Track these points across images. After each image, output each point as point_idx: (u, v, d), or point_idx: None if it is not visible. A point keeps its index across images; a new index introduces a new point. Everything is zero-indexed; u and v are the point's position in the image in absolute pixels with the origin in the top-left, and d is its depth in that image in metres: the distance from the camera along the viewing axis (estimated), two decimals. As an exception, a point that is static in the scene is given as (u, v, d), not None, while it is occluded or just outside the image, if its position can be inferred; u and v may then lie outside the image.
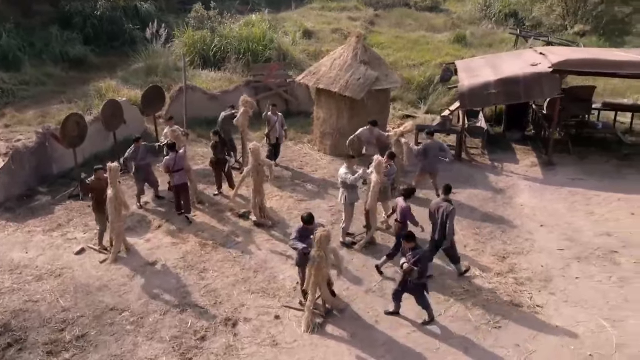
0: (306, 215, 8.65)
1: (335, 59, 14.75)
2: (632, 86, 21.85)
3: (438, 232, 9.55)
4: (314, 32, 27.84)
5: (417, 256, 8.18)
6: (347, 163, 10.53)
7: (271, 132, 13.85)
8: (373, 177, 10.09)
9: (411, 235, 8.43)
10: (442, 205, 9.55)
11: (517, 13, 34.14)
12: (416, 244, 8.34)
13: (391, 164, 10.88)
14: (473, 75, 14.98)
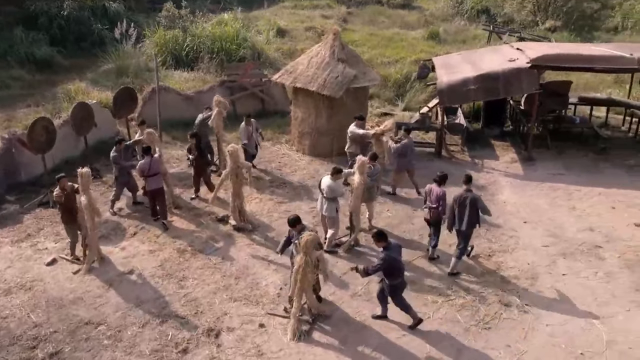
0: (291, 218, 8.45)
1: (312, 57, 14.46)
2: (604, 80, 22.11)
3: (466, 222, 9.50)
4: (287, 30, 27.56)
5: (381, 256, 7.95)
6: (334, 175, 10.03)
7: (249, 144, 13.20)
8: (356, 177, 9.82)
9: (382, 233, 8.10)
10: (466, 195, 9.60)
11: (488, 9, 34.42)
12: (387, 244, 7.98)
13: (374, 165, 10.61)
14: (451, 72, 14.85)
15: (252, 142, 13.26)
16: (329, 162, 14.25)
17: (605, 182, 13.53)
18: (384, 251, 7.94)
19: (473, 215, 9.47)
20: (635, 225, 11.57)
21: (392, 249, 7.98)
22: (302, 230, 8.27)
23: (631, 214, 12.01)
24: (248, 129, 13.17)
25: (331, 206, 10.11)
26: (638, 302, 9.14)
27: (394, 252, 7.97)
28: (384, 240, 7.99)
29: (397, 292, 8.22)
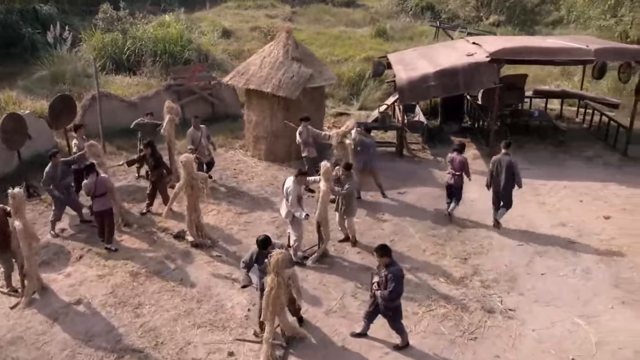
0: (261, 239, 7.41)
1: (265, 57, 13.68)
2: (552, 73, 22.33)
3: (504, 181, 10.42)
4: (232, 31, 26.79)
5: (391, 275, 7.09)
6: (298, 177, 9.21)
7: (198, 151, 11.77)
8: (321, 185, 9.08)
9: (386, 248, 7.26)
10: (502, 159, 10.53)
11: (433, 6, 34.57)
12: (391, 260, 7.23)
13: (349, 175, 9.76)
14: (409, 68, 14.39)
15: (202, 149, 12.13)
16: (287, 167, 13.57)
17: (568, 174, 13.41)
18: (391, 267, 7.10)
19: (509, 177, 10.41)
20: (604, 218, 11.40)
21: (395, 265, 7.21)
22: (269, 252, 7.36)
23: (598, 207, 11.85)
24: (196, 133, 12.14)
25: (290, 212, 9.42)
26: (620, 299, 8.86)
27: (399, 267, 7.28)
28: (388, 256, 7.14)
29: (399, 313, 7.48)
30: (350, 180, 9.69)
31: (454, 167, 10.92)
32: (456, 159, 10.91)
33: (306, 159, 12.24)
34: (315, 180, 9.66)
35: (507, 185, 10.46)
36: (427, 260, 9.74)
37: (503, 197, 10.62)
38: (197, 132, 12.10)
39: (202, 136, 12.14)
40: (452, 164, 10.96)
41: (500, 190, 10.55)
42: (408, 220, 11.13)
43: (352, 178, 9.72)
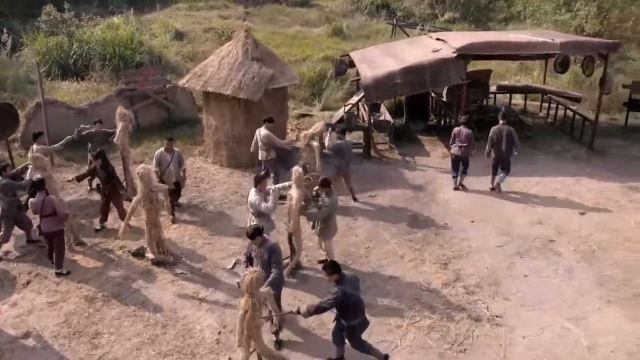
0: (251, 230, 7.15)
1: (224, 58, 12.93)
2: (510, 68, 22.35)
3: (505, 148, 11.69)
4: (185, 32, 25.83)
5: (334, 292, 6.47)
6: (258, 185, 8.56)
7: (165, 175, 10.40)
8: (293, 192, 8.43)
9: (334, 265, 6.63)
10: (502, 128, 11.73)
11: (388, 4, 34.40)
12: (341, 276, 6.51)
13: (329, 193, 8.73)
14: (374, 66, 13.90)
15: (169, 174, 10.42)
16: (251, 173, 12.84)
17: (539, 170, 13.20)
18: (337, 285, 6.48)
19: (509, 144, 11.65)
20: (580, 214, 11.18)
21: (346, 282, 6.52)
22: (263, 242, 7.05)
23: (573, 203, 11.63)
24: (165, 156, 10.39)
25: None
26: (605, 298, 8.56)
27: (348, 286, 6.50)
28: (336, 273, 6.51)
29: (356, 334, 6.83)
30: (330, 198, 8.66)
31: (460, 139, 11.80)
32: (463, 132, 11.80)
33: (268, 163, 11.53)
34: (284, 187, 8.99)
35: (507, 152, 11.72)
36: (406, 267, 9.24)
37: (503, 163, 11.87)
38: (167, 156, 10.40)
39: (172, 161, 10.43)
40: (459, 136, 11.82)
41: (502, 157, 11.76)
42: (382, 225, 10.61)
43: (332, 196, 8.68)
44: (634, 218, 11.03)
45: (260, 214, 8.65)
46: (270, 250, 7.01)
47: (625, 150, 14.66)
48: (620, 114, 17.42)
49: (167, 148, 10.44)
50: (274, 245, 7.15)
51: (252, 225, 7.25)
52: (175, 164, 10.51)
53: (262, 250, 7.05)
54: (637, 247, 9.98)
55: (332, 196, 8.63)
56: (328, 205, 8.63)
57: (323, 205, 8.67)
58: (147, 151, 14.00)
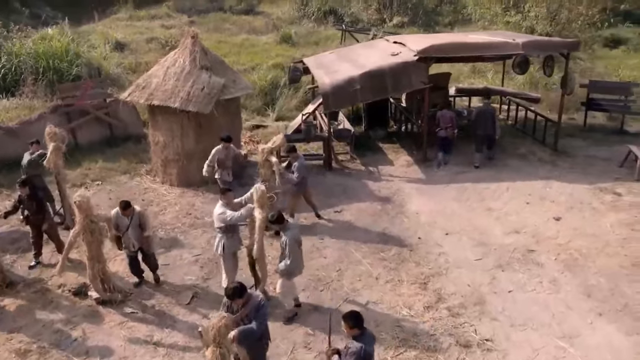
0: (231, 287, 5.87)
1: (169, 67, 11.85)
2: (463, 71, 22.07)
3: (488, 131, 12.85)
4: (126, 43, 24.47)
5: (353, 350, 5.24)
6: (223, 198, 7.77)
7: (124, 239, 8.32)
8: (256, 213, 7.49)
9: (358, 317, 5.33)
10: (487, 110, 13.04)
11: (335, 10, 33.97)
12: (362, 331, 5.33)
13: (284, 227, 7.50)
14: (331, 72, 13.13)
15: (127, 240, 8.27)
16: (204, 192, 11.83)
17: (508, 175, 12.73)
18: (357, 341, 5.28)
19: (492, 124, 12.79)
20: (555, 219, 10.70)
21: (367, 338, 5.36)
22: (247, 301, 5.84)
23: (547, 208, 11.17)
24: (123, 220, 8.14)
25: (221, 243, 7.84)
26: (595, 310, 8.02)
27: (369, 343, 5.35)
28: (358, 327, 5.30)
29: None
30: (286, 234, 7.35)
31: (444, 121, 12.79)
32: (446, 115, 12.80)
33: (221, 182, 10.52)
34: (242, 202, 7.98)
35: (492, 132, 12.87)
36: (383, 290, 8.43)
37: (489, 140, 13.08)
38: (125, 219, 8.16)
39: (130, 224, 8.19)
40: (443, 119, 12.78)
41: (488, 135, 12.89)
42: (352, 243, 9.79)
43: (288, 232, 7.37)
44: (609, 220, 10.65)
45: (227, 229, 7.72)
46: (257, 309, 5.83)
47: (587, 151, 14.42)
48: (577, 113, 17.30)
49: (123, 210, 8.09)
50: (263, 302, 5.95)
51: (232, 284, 5.89)
52: (135, 227, 8.25)
53: (245, 311, 5.83)
54: (617, 252, 9.55)
55: (288, 232, 7.36)
56: (287, 244, 7.33)
57: (281, 243, 7.45)
58: (87, 172, 12.75)
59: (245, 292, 5.83)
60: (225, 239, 7.79)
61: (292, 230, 7.44)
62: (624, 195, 11.76)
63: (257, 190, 7.45)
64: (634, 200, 11.55)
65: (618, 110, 15.84)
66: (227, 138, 10.39)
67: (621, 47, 26.44)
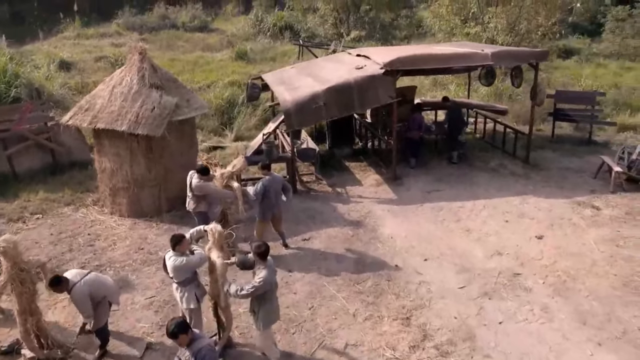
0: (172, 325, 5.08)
1: (115, 86, 10.77)
2: (424, 84, 21.65)
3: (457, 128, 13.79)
4: (73, 62, 23.21)
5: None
6: (176, 246, 6.60)
7: None
8: (214, 255, 6.48)
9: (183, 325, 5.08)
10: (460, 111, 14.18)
11: (291, 25, 33.43)
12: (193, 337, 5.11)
13: (263, 265, 6.37)
14: (293, 88, 12.29)
15: None
16: (158, 223, 10.76)
17: (482, 192, 12.13)
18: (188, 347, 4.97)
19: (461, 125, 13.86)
20: (537, 238, 10.09)
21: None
22: (190, 343, 5.05)
23: (526, 226, 10.58)
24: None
25: (184, 297, 6.75)
26: (593, 340, 7.35)
27: None
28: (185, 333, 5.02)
29: None
30: (262, 274, 6.26)
31: (413, 124, 13.33)
32: (416, 118, 13.36)
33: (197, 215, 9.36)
34: (190, 239, 6.92)
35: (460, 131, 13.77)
36: (363, 328, 7.55)
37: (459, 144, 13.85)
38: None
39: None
40: (412, 122, 13.34)
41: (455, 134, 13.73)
42: (324, 275, 8.89)
43: (263, 272, 6.29)
44: (591, 237, 10.13)
45: (193, 277, 6.69)
46: (196, 355, 5.02)
47: (559, 162, 14.02)
48: (544, 124, 16.99)
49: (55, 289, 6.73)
50: (206, 351, 5.13)
51: (173, 321, 5.11)
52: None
53: (188, 354, 5.08)
54: (606, 272, 8.99)
55: (263, 272, 6.29)
56: (260, 282, 6.21)
57: (257, 284, 6.29)
58: (26, 205, 11.49)
59: (188, 330, 5.03)
60: (186, 292, 6.72)
61: (265, 272, 6.32)
62: (602, 209, 11.31)
63: (212, 230, 6.46)
64: (613, 213, 11.11)
65: (585, 120, 15.54)
66: (203, 170, 8.89)
67: (573, 57, 26.76)
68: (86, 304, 6.57)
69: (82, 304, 6.58)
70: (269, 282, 6.33)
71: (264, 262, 6.38)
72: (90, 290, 6.62)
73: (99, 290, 6.77)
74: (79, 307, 6.65)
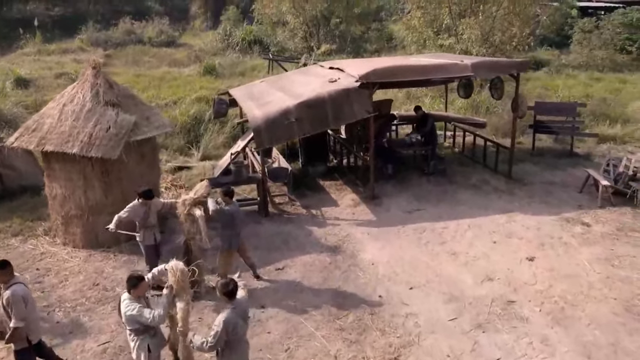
0: None
1: (66, 104, 9.79)
2: (397, 97, 21.05)
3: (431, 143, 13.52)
4: (31, 79, 22.10)
5: None
6: (133, 291, 5.68)
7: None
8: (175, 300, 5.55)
9: None
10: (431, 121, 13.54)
11: (261, 39, 32.80)
12: None
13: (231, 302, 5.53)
14: (263, 103, 11.47)
15: None
16: (116, 254, 9.76)
17: (466, 210, 11.45)
18: None
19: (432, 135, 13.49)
20: (528, 260, 9.41)
21: None
22: None
23: (516, 246, 9.89)
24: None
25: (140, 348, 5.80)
26: (600, 377, 6.64)
27: None
28: None
29: None
30: (225, 312, 5.42)
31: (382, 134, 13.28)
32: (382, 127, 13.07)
33: (144, 248, 8.52)
34: (148, 282, 6.00)
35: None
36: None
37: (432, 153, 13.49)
38: None
39: None
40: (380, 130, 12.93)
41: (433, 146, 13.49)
42: (300, 310, 8.01)
43: (230, 309, 5.45)
44: (584, 257, 9.50)
45: (143, 330, 5.73)
46: None
47: (542, 176, 13.46)
48: (523, 136, 16.48)
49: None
50: None
51: None
52: None
53: None
54: (605, 296, 8.34)
55: (224, 312, 5.40)
56: (215, 329, 5.31)
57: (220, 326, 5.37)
58: None
59: None
60: (149, 338, 5.78)
61: (234, 311, 5.48)
62: (592, 225, 10.73)
63: (174, 269, 5.55)
64: (604, 230, 10.53)
65: (566, 132, 15.06)
66: (146, 194, 8.29)
67: (543, 68, 26.69)
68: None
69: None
70: (231, 324, 5.38)
71: (232, 301, 5.49)
72: None
73: None
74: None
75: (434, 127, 13.66)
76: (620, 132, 16.57)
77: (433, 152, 13.56)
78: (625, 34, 28.97)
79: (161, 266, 6.06)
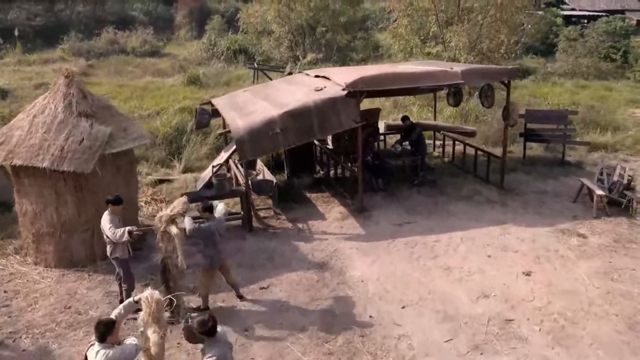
0: None
1: (36, 116, 9.24)
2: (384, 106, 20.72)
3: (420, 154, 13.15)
4: (10, 90, 21.59)
5: None
6: (105, 337, 4.97)
7: None
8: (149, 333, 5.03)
9: None
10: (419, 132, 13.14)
11: (246, 49, 32.44)
12: None
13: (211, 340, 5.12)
14: (246, 113, 11.01)
15: None
16: (91, 274, 9.21)
17: (458, 222, 11.03)
18: None
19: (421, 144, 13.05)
20: (525, 275, 9.00)
21: None
22: None
23: (511, 260, 9.48)
24: None
25: None
26: (607, 402, 6.21)
27: None
28: None
29: None
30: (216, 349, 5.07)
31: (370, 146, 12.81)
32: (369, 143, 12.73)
33: (116, 262, 8.03)
34: (115, 317, 5.44)
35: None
36: None
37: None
38: None
39: None
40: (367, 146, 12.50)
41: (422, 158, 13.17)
42: (287, 333, 7.51)
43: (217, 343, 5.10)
44: (583, 271, 9.12)
45: None
46: None
47: (534, 186, 13.12)
48: (513, 145, 16.15)
49: None
50: None
51: None
52: None
53: None
54: (606, 312, 7.95)
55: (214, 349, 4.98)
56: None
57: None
58: None
59: None
60: None
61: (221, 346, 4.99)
62: (589, 237, 10.37)
63: (148, 299, 5.02)
64: (600, 242, 10.18)
65: (558, 140, 14.76)
66: (114, 200, 7.90)
67: (530, 77, 26.58)
68: None
69: None
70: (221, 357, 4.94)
71: (214, 337, 5.00)
72: None
73: None
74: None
75: (422, 137, 13.21)
76: (611, 140, 16.32)
77: (422, 162, 13.16)
78: (609, 42, 29.05)
79: (128, 300, 5.52)
